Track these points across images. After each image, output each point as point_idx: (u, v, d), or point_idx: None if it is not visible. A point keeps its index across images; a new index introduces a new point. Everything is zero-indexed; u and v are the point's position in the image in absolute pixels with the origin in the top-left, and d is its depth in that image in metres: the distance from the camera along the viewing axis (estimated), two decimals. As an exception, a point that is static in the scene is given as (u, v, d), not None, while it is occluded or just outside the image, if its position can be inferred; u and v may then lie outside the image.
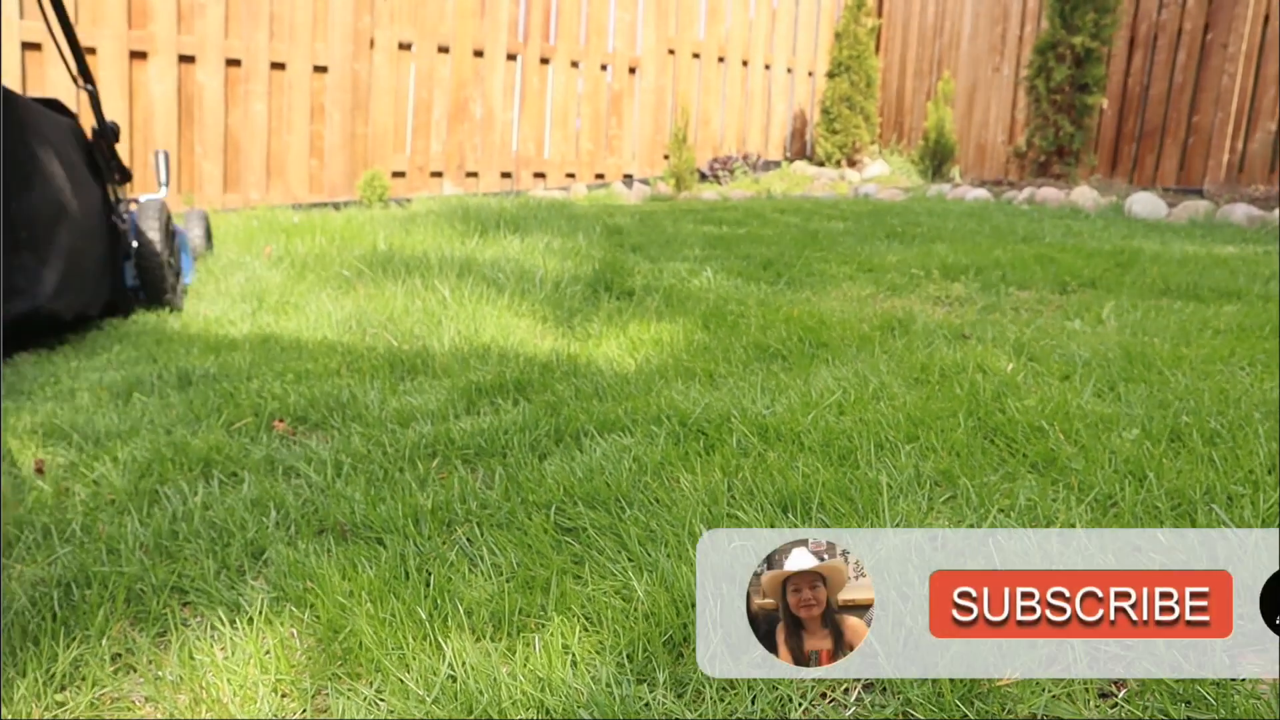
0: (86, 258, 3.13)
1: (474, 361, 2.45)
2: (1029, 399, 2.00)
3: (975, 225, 4.88)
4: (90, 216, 3.19)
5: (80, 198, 3.11)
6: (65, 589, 1.43)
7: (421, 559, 1.43)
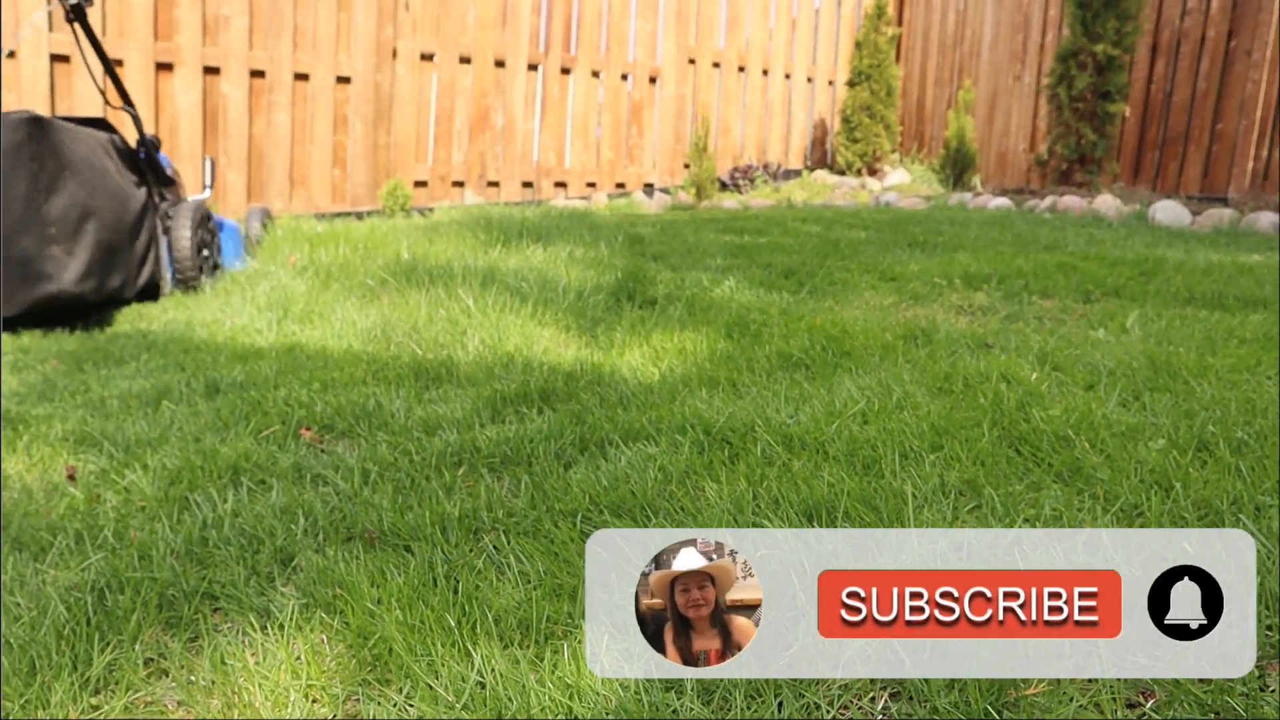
0: (117, 250, 3.66)
1: (499, 370, 2.46)
2: (1054, 408, 2.00)
3: (997, 234, 4.87)
4: (125, 215, 3.72)
5: (112, 200, 3.63)
6: (99, 594, 1.45)
7: (450, 566, 1.44)
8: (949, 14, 9.92)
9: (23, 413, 2.37)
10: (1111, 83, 7.39)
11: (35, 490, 1.89)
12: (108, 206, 3.61)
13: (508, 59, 8.46)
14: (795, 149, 10.24)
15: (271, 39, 7.53)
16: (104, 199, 3.60)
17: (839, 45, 10.40)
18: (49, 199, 3.38)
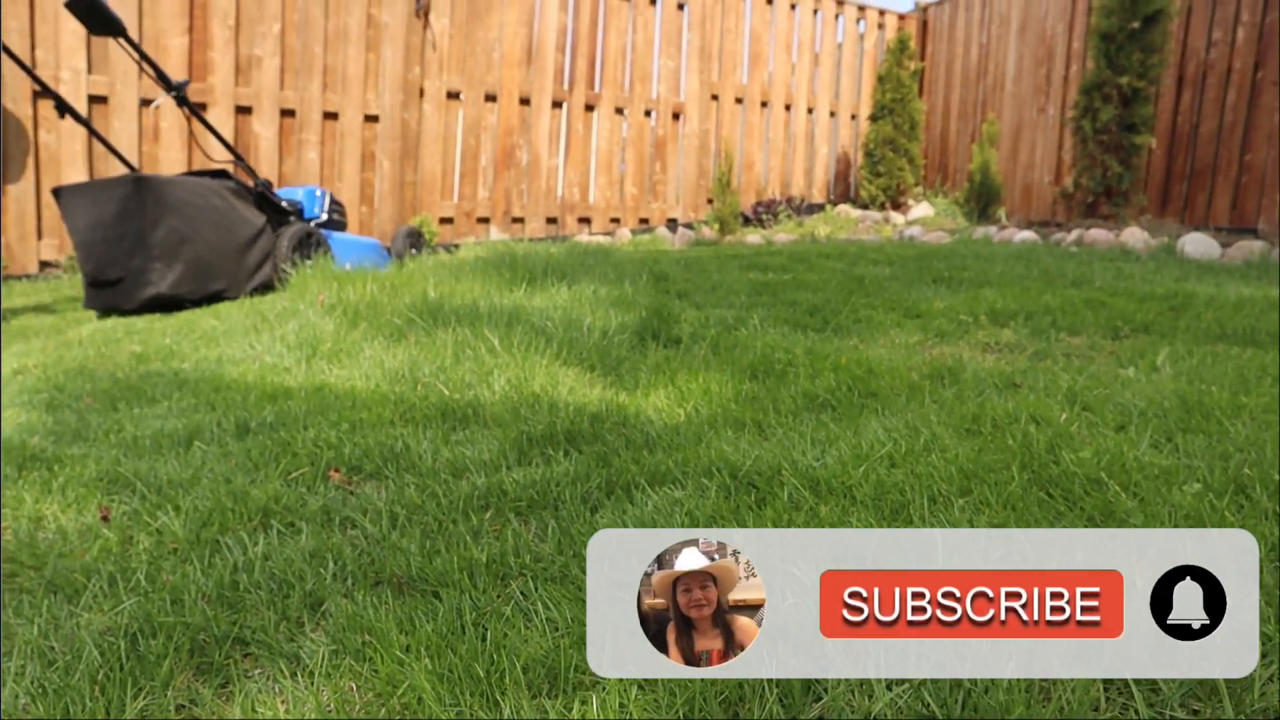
0: (218, 263, 4.98)
1: (524, 411, 2.47)
2: (1084, 450, 1.98)
3: (1023, 269, 4.85)
4: (235, 238, 5.07)
5: (215, 228, 4.97)
6: (132, 639, 1.46)
7: (478, 614, 1.45)
8: (972, 47, 9.95)
9: (58, 453, 2.40)
10: (1137, 115, 7.38)
11: (70, 532, 1.91)
12: (207, 233, 4.92)
13: (533, 96, 8.56)
14: (818, 183, 10.27)
15: (302, 79, 7.66)
16: (204, 228, 4.90)
17: (861, 79, 10.45)
18: (153, 231, 4.76)
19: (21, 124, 6.74)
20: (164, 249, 4.78)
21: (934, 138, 10.44)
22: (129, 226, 4.74)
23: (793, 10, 9.97)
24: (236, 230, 5.06)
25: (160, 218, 4.74)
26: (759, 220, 9.48)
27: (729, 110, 9.63)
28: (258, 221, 5.20)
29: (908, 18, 10.68)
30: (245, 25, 7.46)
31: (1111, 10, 7.34)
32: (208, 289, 5.00)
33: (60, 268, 6.89)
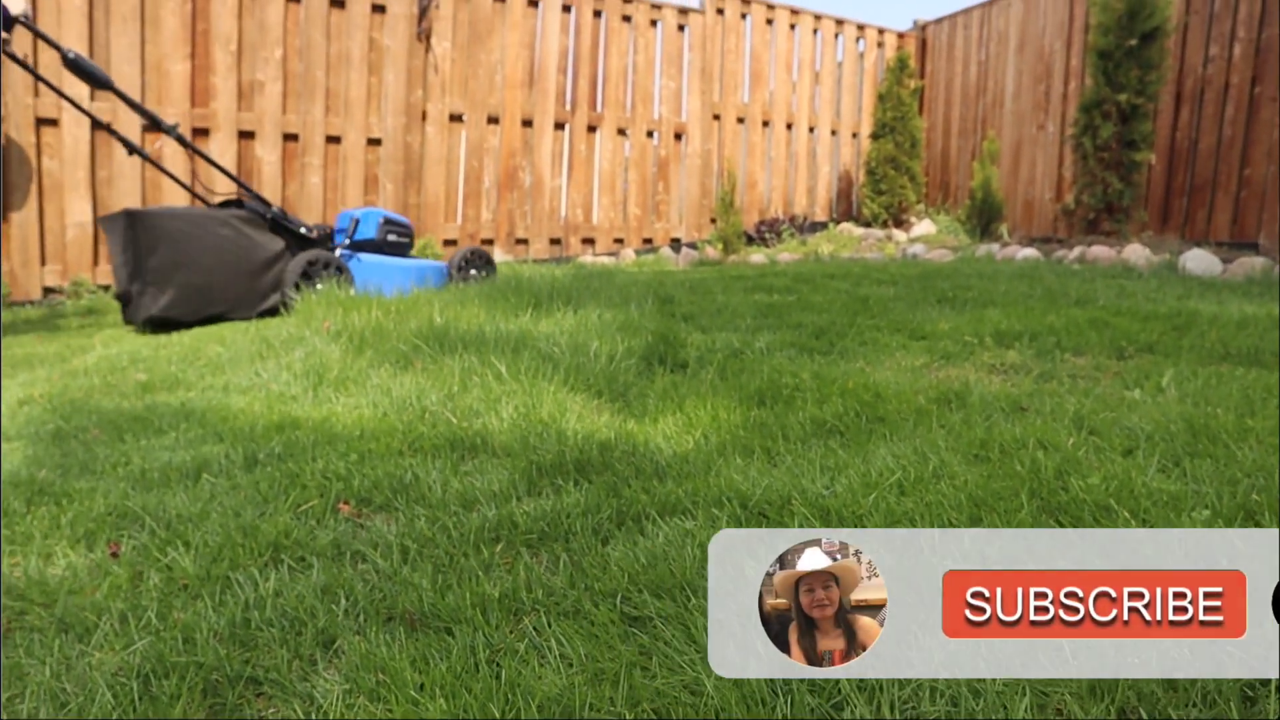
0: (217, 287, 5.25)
1: (533, 440, 2.48)
2: (1092, 477, 1.98)
3: (1027, 288, 4.86)
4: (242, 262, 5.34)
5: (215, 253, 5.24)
6: (144, 680, 1.46)
7: (491, 651, 1.44)
8: (971, 65, 9.99)
9: (66, 487, 2.40)
10: (1136, 131, 7.40)
11: (79, 568, 1.91)
12: (206, 259, 5.20)
13: (535, 118, 8.59)
14: (820, 201, 10.30)
15: (305, 103, 7.69)
16: (202, 255, 5.18)
17: (862, 98, 10.49)
18: (148, 259, 5.08)
19: (25, 151, 6.77)
20: (156, 275, 5.11)
21: (935, 155, 10.48)
22: (130, 254, 5.15)
23: (792, 30, 10.02)
24: (247, 255, 5.35)
25: (155, 246, 5.09)
26: (762, 239, 9.50)
27: (731, 130, 9.67)
28: (273, 247, 5.46)
29: (907, 36, 10.73)
30: (247, 50, 7.50)
31: (1109, 28, 7.37)
32: (206, 311, 5.28)
33: (64, 294, 6.91)
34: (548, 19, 8.66)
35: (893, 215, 9.82)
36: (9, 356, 4.89)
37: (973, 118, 9.97)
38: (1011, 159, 9.30)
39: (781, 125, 9.95)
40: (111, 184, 7.06)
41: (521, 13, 8.51)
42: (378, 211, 6.10)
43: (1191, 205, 7.63)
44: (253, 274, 5.39)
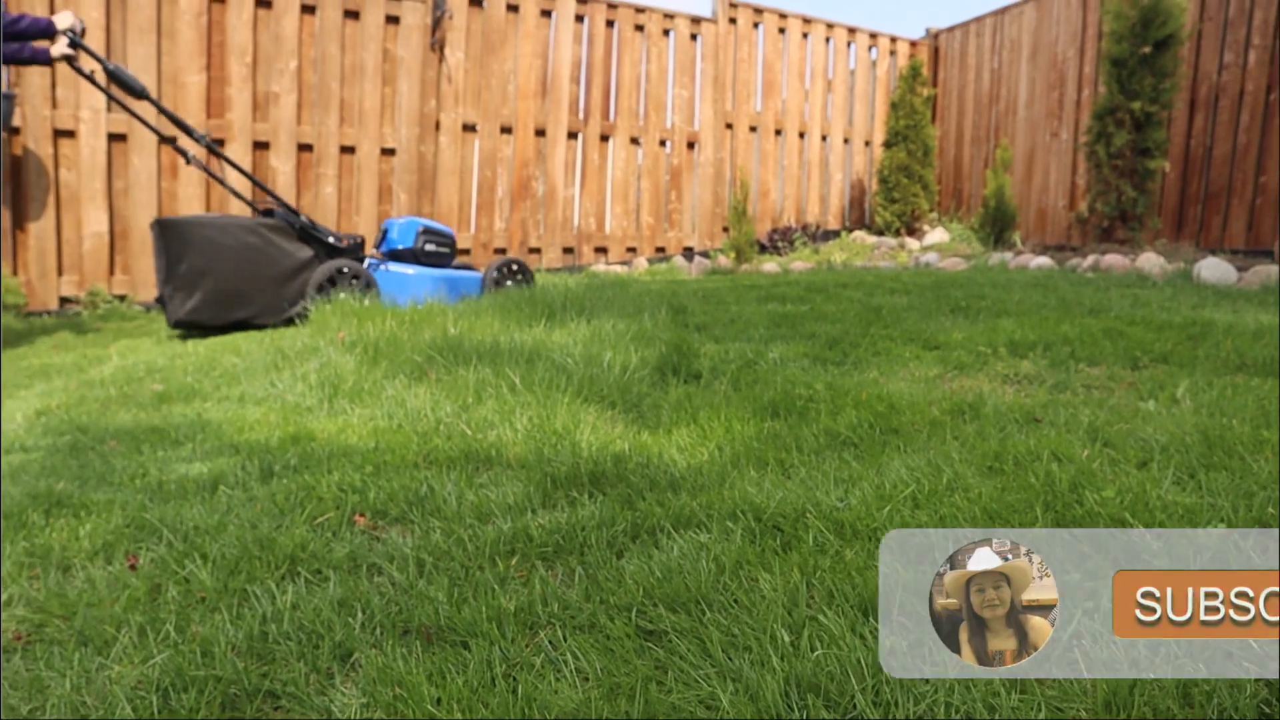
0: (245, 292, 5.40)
1: (547, 452, 2.48)
2: (1107, 489, 1.98)
3: (1040, 297, 4.85)
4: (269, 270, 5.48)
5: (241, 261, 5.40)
6: (164, 694, 1.47)
7: (508, 665, 1.45)
8: (984, 73, 9.98)
9: (84, 498, 2.42)
10: (1150, 139, 7.38)
11: (98, 581, 1.93)
12: (232, 267, 5.37)
13: (548, 128, 8.62)
14: (833, 210, 10.30)
15: (319, 114, 7.74)
16: (229, 262, 5.36)
17: (874, 106, 10.49)
18: (176, 267, 5.29)
19: (42, 163, 6.83)
20: (183, 281, 5.33)
21: (947, 163, 10.46)
22: (163, 260, 5.38)
23: (805, 39, 10.02)
24: (274, 263, 5.51)
25: (184, 253, 5.30)
26: (775, 248, 9.51)
27: (744, 138, 9.68)
28: (301, 255, 5.60)
29: (919, 44, 10.73)
30: (262, 62, 7.55)
31: (1122, 36, 7.36)
32: (232, 316, 5.47)
33: (81, 304, 6.96)
34: (560, 29, 8.69)
35: (905, 223, 9.81)
36: (26, 367, 4.93)
37: (985, 125, 9.96)
38: (1025, 167, 9.29)
39: (794, 134, 9.96)
40: (128, 194, 7.11)
41: (534, 23, 8.54)
42: (416, 221, 6.15)
43: (1206, 213, 7.60)
44: (279, 281, 5.52)
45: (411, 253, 6.08)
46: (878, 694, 1.32)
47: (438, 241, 6.18)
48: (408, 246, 6.08)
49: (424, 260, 6.11)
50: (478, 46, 8.34)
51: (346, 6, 7.77)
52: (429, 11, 8.09)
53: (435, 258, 6.16)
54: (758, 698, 1.30)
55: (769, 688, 1.31)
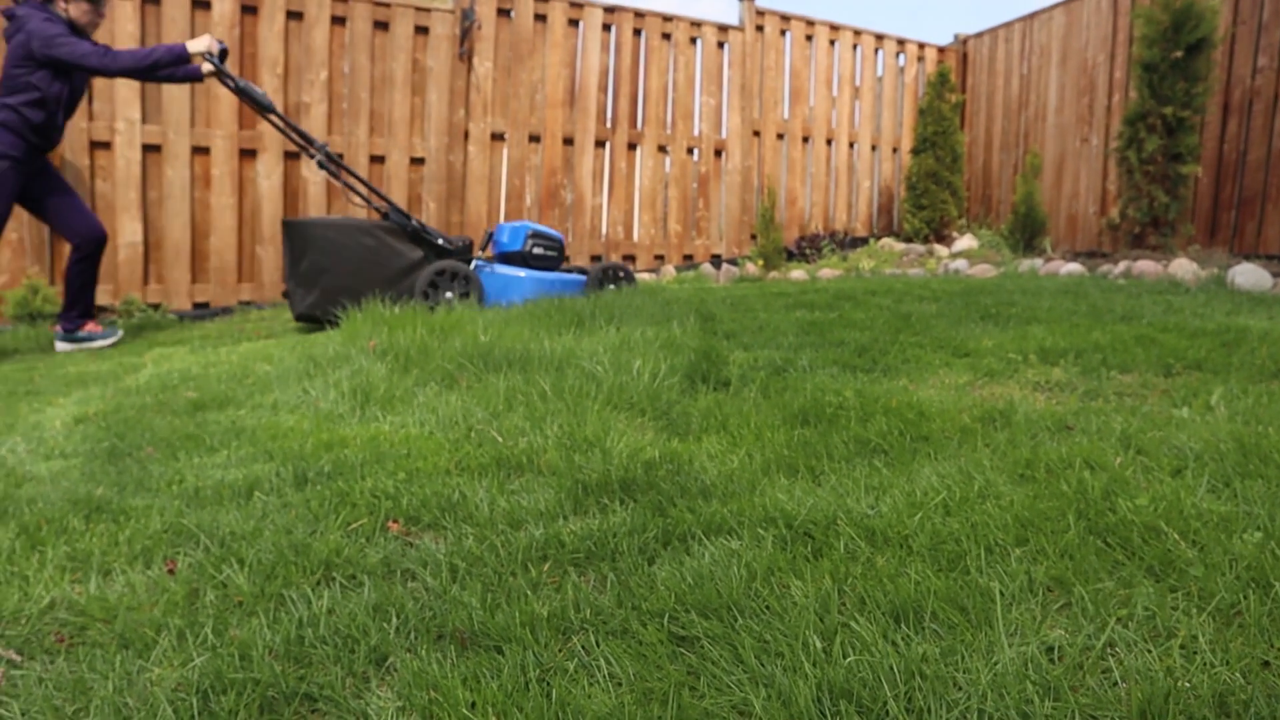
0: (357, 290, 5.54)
1: (578, 458, 2.50)
2: (1140, 497, 1.97)
3: (1071, 304, 4.82)
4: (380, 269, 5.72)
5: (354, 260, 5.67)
6: (203, 696, 1.49)
7: (541, 670, 1.46)
8: (1013, 79, 9.94)
9: (123, 504, 2.46)
10: (1182, 144, 7.32)
11: (138, 585, 1.96)
12: (348, 266, 5.65)
13: (576, 136, 8.66)
14: (861, 217, 10.28)
15: (349, 123, 7.81)
16: (344, 262, 5.64)
17: (902, 113, 10.46)
18: (297, 265, 5.62)
19: (80, 173, 6.93)
20: (305, 277, 5.63)
21: (976, 169, 10.42)
22: (287, 258, 5.71)
23: (832, 46, 10.02)
24: (387, 263, 5.76)
25: (304, 252, 5.61)
26: (803, 255, 9.50)
27: (771, 146, 9.68)
28: (412, 256, 5.83)
29: (947, 50, 10.69)
30: (293, 73, 7.63)
31: (1154, 40, 7.31)
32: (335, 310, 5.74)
33: (115, 313, 7.05)
34: (588, 38, 8.74)
35: (934, 230, 9.77)
36: (63, 375, 5.00)
37: (1014, 131, 9.91)
38: (1054, 173, 9.23)
39: (821, 141, 9.95)
40: (162, 205, 7.21)
41: (562, 32, 8.59)
42: (525, 225, 6.26)
43: (1240, 218, 7.53)
44: (391, 280, 5.74)
45: (520, 255, 6.20)
46: (910, 701, 1.32)
47: (545, 245, 6.29)
48: (516, 249, 6.21)
49: (532, 263, 6.22)
50: (506, 56, 8.40)
51: (376, 17, 7.84)
52: (458, 22, 8.15)
53: (543, 260, 6.27)
54: (790, 703, 1.30)
55: (801, 694, 1.31)
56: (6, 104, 5.33)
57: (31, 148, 5.46)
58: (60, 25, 5.33)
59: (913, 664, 1.38)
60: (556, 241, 6.35)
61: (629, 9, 8.89)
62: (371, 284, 5.68)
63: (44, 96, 5.37)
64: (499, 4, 8.32)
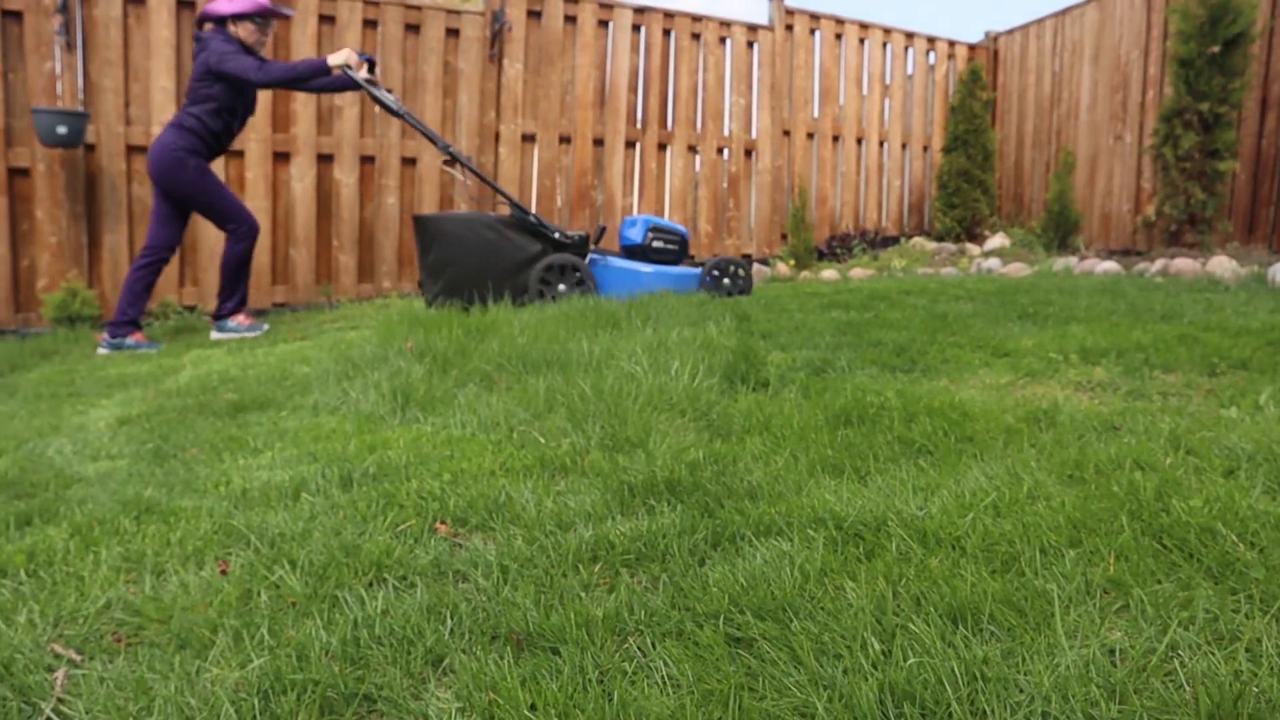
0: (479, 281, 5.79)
1: (622, 459, 2.50)
2: (1194, 499, 1.95)
3: (1109, 303, 4.78)
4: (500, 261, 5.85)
5: (476, 254, 5.83)
6: (264, 696, 1.51)
7: (600, 671, 1.47)
8: (1044, 76, 9.86)
9: (172, 505, 2.48)
10: (1220, 140, 7.24)
11: (191, 586, 1.98)
12: (471, 259, 5.82)
13: (606, 137, 8.67)
14: (891, 216, 10.23)
15: (381, 126, 7.86)
16: (468, 254, 5.81)
17: (932, 111, 10.40)
18: (426, 256, 5.80)
19: (115, 179, 7.01)
20: (431, 269, 5.85)
21: (1007, 168, 10.34)
22: (420, 250, 5.89)
23: (862, 44, 9.98)
24: (507, 256, 5.91)
25: (431, 245, 5.82)
26: (833, 254, 9.46)
27: (801, 145, 9.65)
28: (531, 249, 5.96)
29: (978, 48, 10.63)
30: (327, 77, 7.68)
31: (1190, 36, 7.23)
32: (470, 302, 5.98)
33: (152, 315, 7.12)
34: (618, 39, 8.74)
35: (965, 229, 9.71)
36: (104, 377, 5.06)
37: (1046, 129, 9.83)
38: (1088, 170, 9.15)
39: (852, 140, 9.91)
40: (197, 208, 7.28)
41: (592, 33, 8.60)
42: (646, 218, 6.30)
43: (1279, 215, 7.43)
44: (510, 272, 5.91)
45: (640, 249, 6.24)
46: (973, 703, 1.32)
47: (666, 239, 6.31)
48: (637, 243, 6.25)
49: (652, 256, 6.25)
50: (535, 58, 8.42)
51: (407, 20, 7.88)
52: (488, 24, 8.18)
53: (663, 254, 6.29)
54: (853, 706, 1.30)
55: (864, 696, 1.31)
56: (191, 112, 6.04)
57: (210, 150, 6.17)
58: (233, 45, 6.00)
59: (973, 666, 1.38)
60: (677, 235, 6.34)
61: (658, 9, 8.89)
62: (492, 275, 5.91)
63: (220, 106, 6.07)
64: (529, 6, 8.34)
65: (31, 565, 2.14)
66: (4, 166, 6.68)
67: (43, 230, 6.82)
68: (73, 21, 6.80)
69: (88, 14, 6.87)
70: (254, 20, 6.11)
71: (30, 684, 1.60)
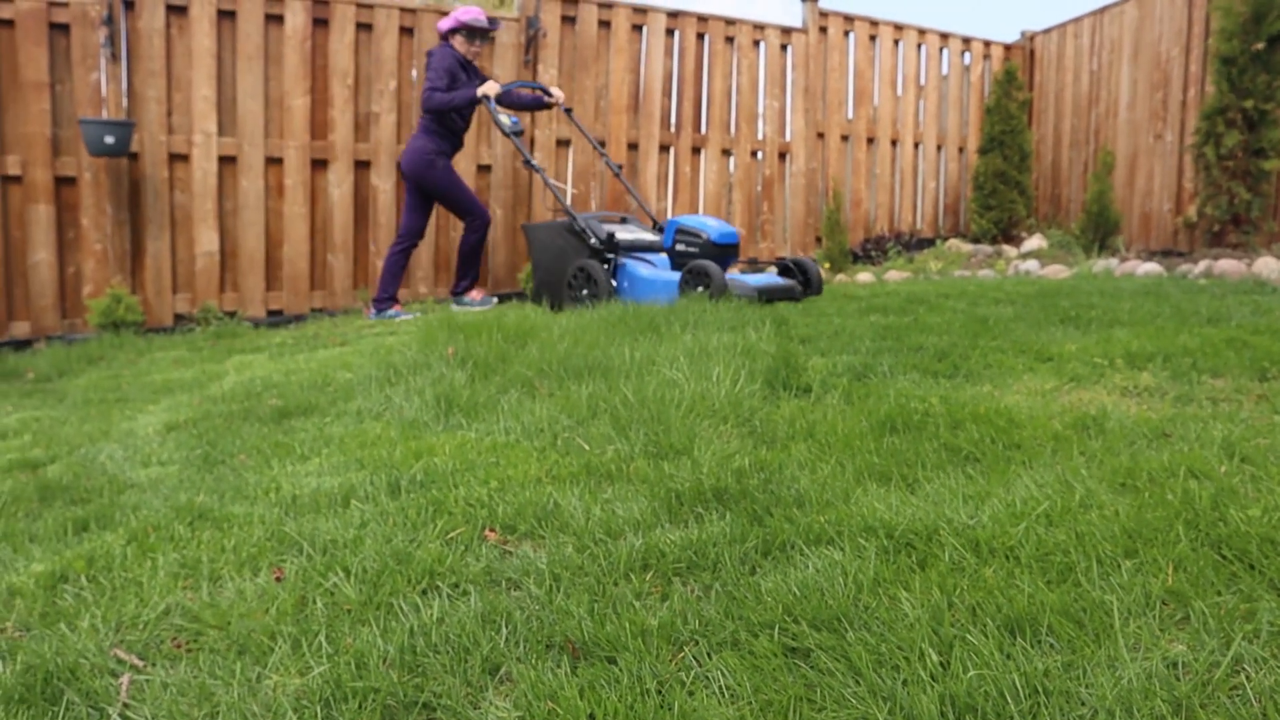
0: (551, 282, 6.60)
1: (667, 467, 2.51)
2: (1252, 508, 1.93)
3: (1153, 306, 4.72)
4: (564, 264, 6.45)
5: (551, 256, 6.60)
6: (325, 704, 1.53)
7: (659, 681, 1.47)
8: (1082, 75, 9.76)
9: (225, 512, 2.52)
10: (1264, 139, 7.15)
11: (247, 593, 2.00)
12: (547, 263, 6.64)
13: (640, 141, 8.68)
14: (926, 218, 10.17)
15: (417, 133, 7.89)
16: (545, 259, 6.66)
17: (968, 112, 10.33)
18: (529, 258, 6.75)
19: (158, 186, 7.10)
20: (532, 272, 6.85)
21: (1044, 168, 10.25)
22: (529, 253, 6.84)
23: (896, 45, 9.93)
24: (569, 259, 6.42)
25: (530, 250, 6.85)
26: (868, 257, 9.42)
27: (835, 148, 9.62)
28: (584, 252, 6.39)
29: (1014, 48, 10.54)
30: (363, 84, 7.75)
31: (1232, 33, 7.14)
32: (552, 301, 6.61)
33: (194, 321, 7.22)
34: (651, 43, 8.75)
35: (1002, 230, 9.63)
36: (149, 383, 5.14)
37: (1084, 129, 9.74)
38: (1127, 170, 9.05)
39: (886, 141, 9.87)
40: (237, 214, 7.36)
41: (626, 38, 8.61)
42: (674, 220, 6.16)
43: (1325, 215, 7.32)
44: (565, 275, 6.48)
45: (669, 252, 6.08)
46: (1035, 716, 1.31)
47: (689, 240, 5.96)
48: (667, 246, 6.10)
49: (682, 258, 5.94)
50: (570, 62, 8.44)
51: (444, 27, 7.93)
52: (522, 30, 8.22)
53: (685, 257, 5.95)
54: (914, 718, 1.30)
55: (924, 708, 1.31)
56: (428, 118, 6.95)
57: (452, 148, 7.10)
58: (448, 62, 6.90)
59: (1034, 678, 1.37)
60: (700, 236, 5.91)
61: (692, 14, 8.89)
62: (559, 277, 6.47)
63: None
64: (563, 11, 8.37)
65: (91, 571, 2.18)
66: (51, 175, 6.80)
67: (88, 237, 6.93)
68: (117, 33, 6.91)
69: (132, 25, 6.97)
70: (461, 34, 7.01)
71: (96, 689, 1.63)
